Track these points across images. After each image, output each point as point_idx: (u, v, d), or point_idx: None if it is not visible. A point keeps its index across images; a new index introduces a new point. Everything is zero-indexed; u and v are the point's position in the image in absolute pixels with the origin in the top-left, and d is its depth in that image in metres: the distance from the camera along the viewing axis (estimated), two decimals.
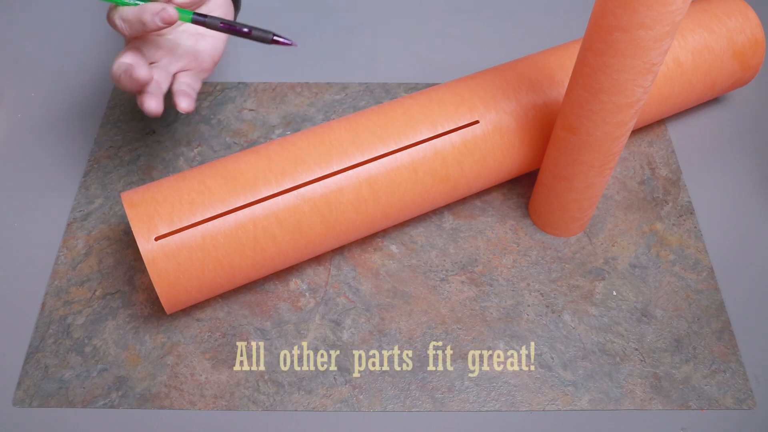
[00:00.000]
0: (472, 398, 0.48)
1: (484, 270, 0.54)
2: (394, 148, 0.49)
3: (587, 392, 0.49)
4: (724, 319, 0.52)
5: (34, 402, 0.48)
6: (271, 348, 0.50)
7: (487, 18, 0.72)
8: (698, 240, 0.56)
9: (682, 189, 0.59)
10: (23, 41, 0.69)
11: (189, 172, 0.48)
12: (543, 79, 0.53)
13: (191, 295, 0.47)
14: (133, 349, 0.50)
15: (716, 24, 0.57)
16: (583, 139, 0.46)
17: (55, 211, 0.57)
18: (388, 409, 0.48)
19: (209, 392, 0.48)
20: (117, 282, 0.53)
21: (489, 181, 0.54)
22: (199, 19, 0.48)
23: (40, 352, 0.50)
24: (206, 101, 0.64)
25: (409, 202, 0.51)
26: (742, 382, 0.49)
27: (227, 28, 0.48)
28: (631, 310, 0.52)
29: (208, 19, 0.48)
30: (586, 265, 0.54)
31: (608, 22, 0.40)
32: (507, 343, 0.51)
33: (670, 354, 0.50)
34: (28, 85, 0.65)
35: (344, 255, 0.55)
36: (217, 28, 0.48)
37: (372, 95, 0.65)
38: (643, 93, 0.43)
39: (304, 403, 0.48)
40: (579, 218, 0.54)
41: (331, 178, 0.48)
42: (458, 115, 0.50)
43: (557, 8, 0.73)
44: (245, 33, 0.48)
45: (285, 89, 0.65)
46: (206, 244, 0.45)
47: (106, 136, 0.61)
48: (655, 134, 0.62)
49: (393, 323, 0.51)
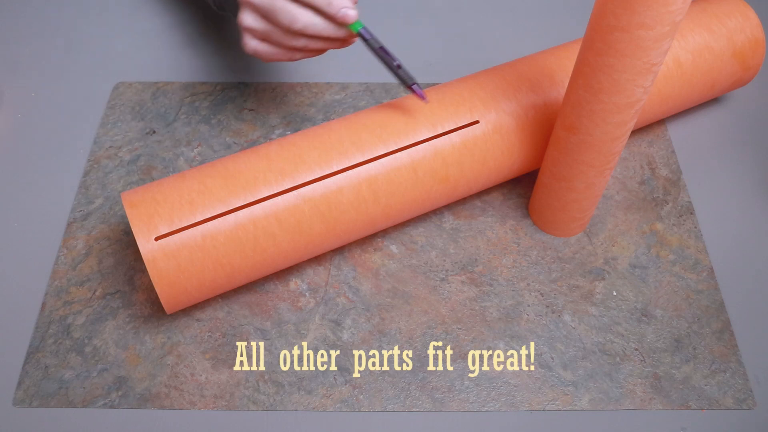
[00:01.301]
0: (472, 398, 0.48)
1: (484, 270, 0.54)
2: (394, 148, 0.49)
3: (587, 392, 0.49)
4: (724, 319, 0.52)
5: (34, 402, 0.48)
6: (271, 348, 0.50)
7: (487, 18, 0.72)
8: (698, 240, 0.56)
9: (682, 189, 0.59)
10: (23, 41, 0.69)
11: (189, 172, 0.48)
12: (543, 79, 0.53)
13: (191, 295, 0.47)
14: (133, 349, 0.50)
15: (716, 24, 0.57)
16: (583, 139, 0.46)
17: (55, 211, 0.57)
18: (388, 409, 0.48)
19: (209, 392, 0.48)
20: (117, 282, 0.53)
21: (489, 181, 0.54)
22: (364, 34, 0.48)
23: (40, 352, 0.50)
24: (206, 101, 0.64)
25: (409, 202, 0.51)
26: (742, 382, 0.49)
27: (382, 52, 0.49)
28: (631, 310, 0.52)
29: (371, 39, 0.49)
30: (586, 265, 0.54)
31: (608, 22, 0.40)
32: (507, 343, 0.51)
33: (670, 354, 0.50)
34: (28, 85, 0.65)
35: (344, 255, 0.55)
36: (374, 49, 0.49)
37: (372, 95, 0.65)
38: (643, 93, 0.43)
39: (304, 403, 0.48)
40: (579, 218, 0.54)
41: (331, 178, 0.48)
42: (458, 115, 0.50)
43: (557, 8, 0.73)
44: (395, 66, 0.48)
45: (285, 89, 0.65)
46: (206, 244, 0.45)
47: (106, 136, 0.62)
48: (655, 134, 0.62)
49: (393, 323, 0.51)
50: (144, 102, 0.64)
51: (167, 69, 0.67)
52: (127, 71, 0.66)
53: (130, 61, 0.67)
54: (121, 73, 0.66)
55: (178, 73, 0.66)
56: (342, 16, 0.47)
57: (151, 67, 0.67)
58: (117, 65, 0.67)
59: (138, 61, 0.67)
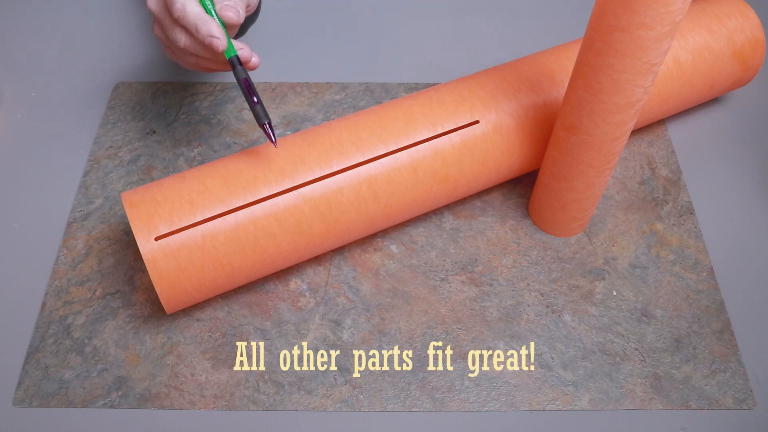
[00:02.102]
0: (472, 398, 0.48)
1: (484, 270, 0.54)
2: (394, 148, 0.49)
3: (587, 392, 0.49)
4: (724, 319, 0.52)
5: (34, 402, 0.48)
6: (271, 348, 0.50)
7: (487, 18, 0.72)
8: (698, 240, 0.56)
9: (682, 189, 0.59)
10: (23, 41, 0.69)
11: (189, 172, 0.48)
12: (543, 79, 0.53)
13: (191, 295, 0.47)
14: (133, 349, 0.50)
15: (716, 24, 0.57)
16: (583, 139, 0.46)
17: (55, 211, 0.57)
18: (388, 409, 0.48)
19: (209, 392, 0.48)
20: (117, 282, 0.53)
21: (489, 181, 0.54)
22: (234, 62, 0.48)
23: (40, 352, 0.50)
24: (206, 101, 0.64)
25: (409, 202, 0.51)
26: (742, 382, 0.49)
27: (246, 85, 0.47)
28: (631, 310, 0.52)
29: (239, 68, 0.47)
30: (586, 265, 0.54)
31: (608, 22, 0.40)
32: (507, 343, 0.51)
33: (670, 354, 0.50)
34: (28, 85, 0.65)
35: (344, 255, 0.55)
36: (239, 79, 0.47)
37: (372, 95, 0.65)
38: (643, 93, 0.43)
39: (304, 403, 0.48)
40: (579, 218, 0.54)
41: (331, 178, 0.48)
42: (458, 115, 0.50)
43: (557, 8, 0.73)
44: (253, 101, 0.47)
45: (285, 89, 0.65)
46: (206, 244, 0.45)
47: (106, 136, 0.61)
48: (655, 134, 0.62)
49: (393, 323, 0.51)
50: (144, 102, 0.64)
51: (167, 69, 0.67)
52: (127, 71, 0.66)
53: (130, 61, 0.67)
54: (121, 73, 0.66)
55: (178, 73, 0.66)
56: (209, 44, 0.46)
57: (151, 67, 0.67)
58: (117, 65, 0.67)
59: (138, 61, 0.67)
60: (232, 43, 0.48)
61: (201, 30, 0.46)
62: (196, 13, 0.46)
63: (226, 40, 0.46)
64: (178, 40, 0.47)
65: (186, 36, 0.47)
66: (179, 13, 0.46)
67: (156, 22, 0.50)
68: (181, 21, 0.46)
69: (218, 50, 0.46)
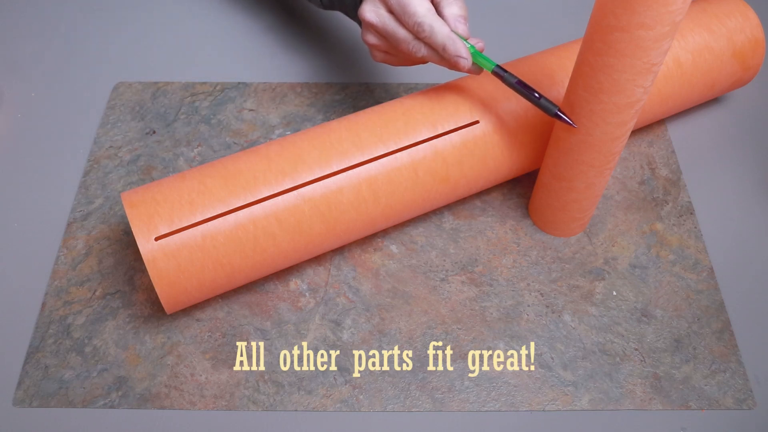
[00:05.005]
0: (472, 398, 0.48)
1: (484, 270, 0.54)
2: (394, 148, 0.49)
3: (587, 392, 0.49)
4: (724, 319, 0.52)
5: (34, 402, 0.48)
6: (271, 348, 0.50)
7: (487, 18, 0.72)
8: (698, 240, 0.56)
9: (682, 189, 0.59)
10: (23, 41, 0.69)
11: (189, 172, 0.48)
12: (543, 79, 0.53)
13: (191, 295, 0.47)
14: (133, 349, 0.50)
15: (716, 24, 0.57)
16: (583, 139, 0.46)
17: (55, 211, 0.57)
18: (388, 409, 0.48)
19: (209, 392, 0.48)
20: (117, 282, 0.53)
21: (489, 181, 0.54)
22: (498, 72, 0.48)
23: (40, 352, 0.50)
24: (206, 101, 0.64)
25: (409, 202, 0.51)
26: (742, 382, 0.49)
27: (521, 86, 0.47)
28: (631, 310, 0.52)
29: (506, 75, 0.48)
30: (586, 265, 0.54)
31: (608, 22, 0.40)
32: (507, 343, 0.51)
33: (670, 354, 0.50)
34: (28, 85, 0.65)
35: (344, 255, 0.55)
36: (511, 84, 0.48)
37: (372, 95, 0.65)
38: (643, 93, 0.43)
39: (304, 403, 0.48)
40: (579, 218, 0.54)
41: (331, 178, 0.48)
42: (458, 115, 0.50)
43: (557, 8, 0.73)
44: (535, 97, 0.47)
45: (285, 89, 0.65)
46: (206, 244, 0.45)
47: (106, 136, 0.61)
48: (655, 134, 0.62)
49: (393, 323, 0.51)
50: (144, 102, 0.64)
51: (167, 69, 0.67)
52: (127, 71, 0.66)
53: (130, 61, 0.67)
54: (121, 73, 0.66)
55: (178, 73, 0.66)
56: (455, 63, 0.47)
57: (151, 67, 0.67)
58: (117, 65, 0.67)
59: (138, 61, 0.67)
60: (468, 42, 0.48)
61: (449, 50, 0.47)
62: (445, 34, 0.47)
63: (471, 59, 0.47)
64: (417, 51, 0.48)
65: (426, 49, 0.48)
66: (427, 33, 0.47)
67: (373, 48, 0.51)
68: (428, 41, 0.47)
69: (462, 70, 0.47)
